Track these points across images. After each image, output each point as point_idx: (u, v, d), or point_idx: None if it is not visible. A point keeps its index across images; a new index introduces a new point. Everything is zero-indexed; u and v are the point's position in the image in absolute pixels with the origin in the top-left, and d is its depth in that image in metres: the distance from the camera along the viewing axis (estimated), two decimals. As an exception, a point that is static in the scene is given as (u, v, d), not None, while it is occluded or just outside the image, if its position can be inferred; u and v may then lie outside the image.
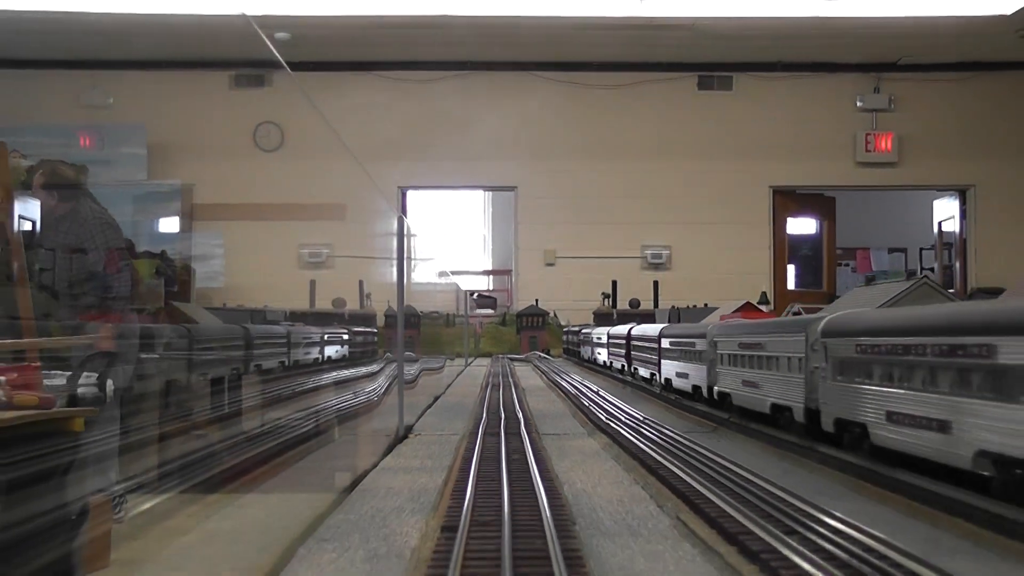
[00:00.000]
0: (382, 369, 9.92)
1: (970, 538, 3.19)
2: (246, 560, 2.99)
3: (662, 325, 9.21)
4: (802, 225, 24.62)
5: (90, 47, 21.50)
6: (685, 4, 19.11)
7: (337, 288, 20.36)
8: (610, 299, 21.41)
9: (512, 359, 16.70)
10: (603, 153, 22.69)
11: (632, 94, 22.77)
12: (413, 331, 13.50)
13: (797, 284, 25.18)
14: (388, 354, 11.05)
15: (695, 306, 15.85)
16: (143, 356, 5.47)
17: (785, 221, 23.50)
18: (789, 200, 23.49)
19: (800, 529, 3.24)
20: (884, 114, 22.94)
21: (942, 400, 3.48)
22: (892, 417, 3.89)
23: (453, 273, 23.89)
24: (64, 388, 4.64)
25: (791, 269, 25.19)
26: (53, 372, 4.65)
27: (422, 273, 21.27)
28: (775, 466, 4.79)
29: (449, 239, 26.84)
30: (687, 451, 5.08)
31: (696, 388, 7.03)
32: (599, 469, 4.89)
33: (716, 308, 14.17)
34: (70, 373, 4.73)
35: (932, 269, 24.70)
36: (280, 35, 19.86)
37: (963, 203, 23.19)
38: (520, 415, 6.86)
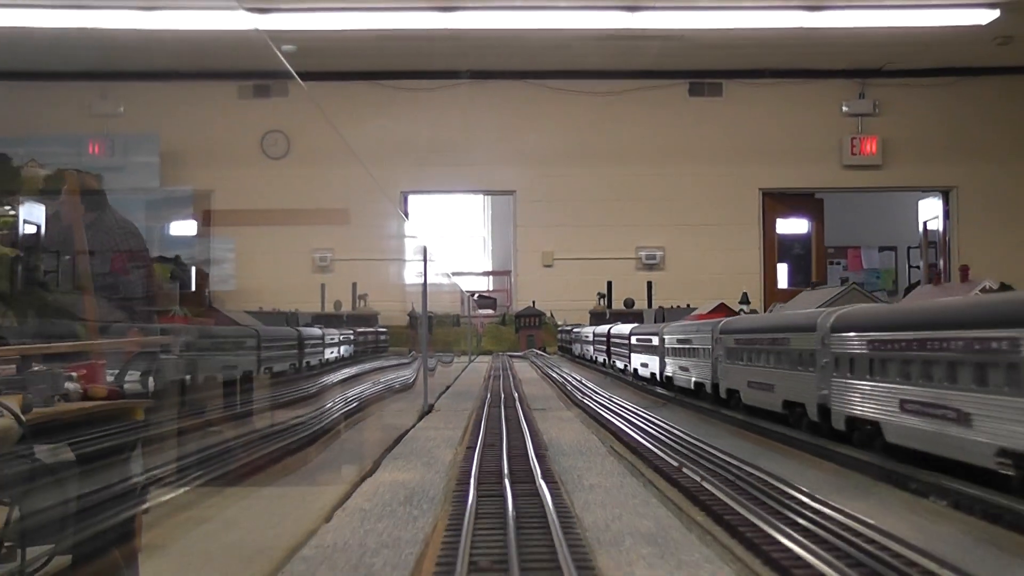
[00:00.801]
0: (410, 363, 12.51)
1: (777, 451, 5.86)
2: (359, 463, 5.65)
3: (633, 325, 11.87)
4: (793, 225, 27.20)
5: (105, 60, 23.99)
6: (674, 17, 21.47)
7: (340, 291, 22.80)
8: (605, 299, 23.98)
9: (511, 356, 19.38)
10: (598, 158, 25.21)
11: (626, 101, 25.30)
12: (416, 331, 16.06)
13: (789, 283, 27.78)
14: (412, 352, 13.62)
15: (678, 306, 18.47)
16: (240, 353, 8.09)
17: (774, 222, 26.10)
18: (778, 202, 26.08)
19: (682, 448, 5.89)
20: (869, 118, 25.50)
21: (769, 371, 6.17)
22: (750, 384, 6.57)
23: (455, 274, 26.44)
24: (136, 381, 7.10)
25: (785, 268, 27.84)
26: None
27: (433, 279, 23.76)
28: (690, 422, 7.43)
29: (451, 241, 29.43)
30: (635, 417, 7.72)
31: (653, 375, 9.70)
32: (569, 427, 7.56)
33: (696, 308, 16.86)
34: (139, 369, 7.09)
35: (918, 267, 27.31)
36: (286, 47, 22.40)
37: (946, 203, 25.76)
38: (516, 396, 9.53)
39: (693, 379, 8.09)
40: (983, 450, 3.66)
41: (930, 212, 26.37)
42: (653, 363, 9.61)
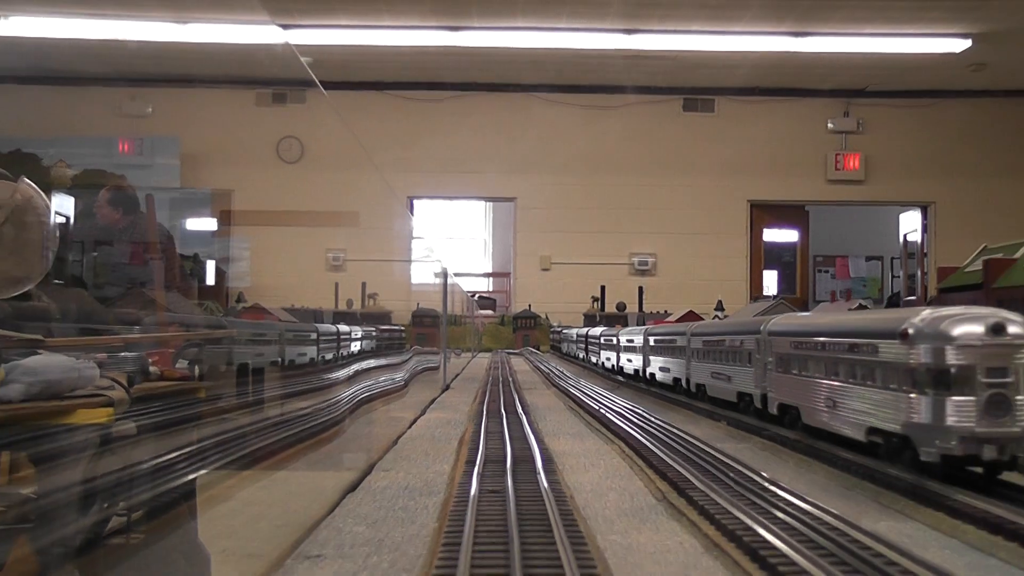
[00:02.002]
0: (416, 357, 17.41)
1: (665, 407, 10.85)
2: (413, 409, 10.59)
3: (604, 328, 16.81)
4: (783, 234, 32.03)
5: (131, 66, 28.74)
6: (669, 39, 26.06)
7: (352, 290, 27.57)
8: (599, 302, 28.83)
9: (509, 353, 24.36)
10: (595, 168, 29.99)
11: (622, 114, 30.09)
12: (434, 330, 20.85)
13: (779, 289, 32.68)
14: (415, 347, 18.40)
15: (658, 312, 23.35)
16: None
17: (762, 232, 30.97)
18: (765, 213, 30.94)
19: (611, 405, 10.82)
20: (853, 136, 30.34)
21: (668, 360, 11.17)
22: (660, 369, 11.57)
23: (456, 275, 31.26)
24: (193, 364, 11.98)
25: (775, 275, 32.73)
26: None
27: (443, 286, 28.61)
28: (627, 396, 12.35)
29: (453, 243, 34.35)
30: (593, 393, 12.66)
31: (614, 366, 14.68)
32: (545, 398, 12.53)
33: (672, 314, 21.63)
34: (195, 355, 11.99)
35: (899, 277, 32.18)
36: (303, 59, 27.14)
37: (925, 217, 30.64)
38: (511, 380, 14.48)
39: (634, 368, 13.05)
40: (732, 394, 8.56)
41: (910, 225, 31.23)
42: (614, 357, 14.57)
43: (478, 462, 6.58)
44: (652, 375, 12.09)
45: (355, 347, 12.83)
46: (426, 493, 5.82)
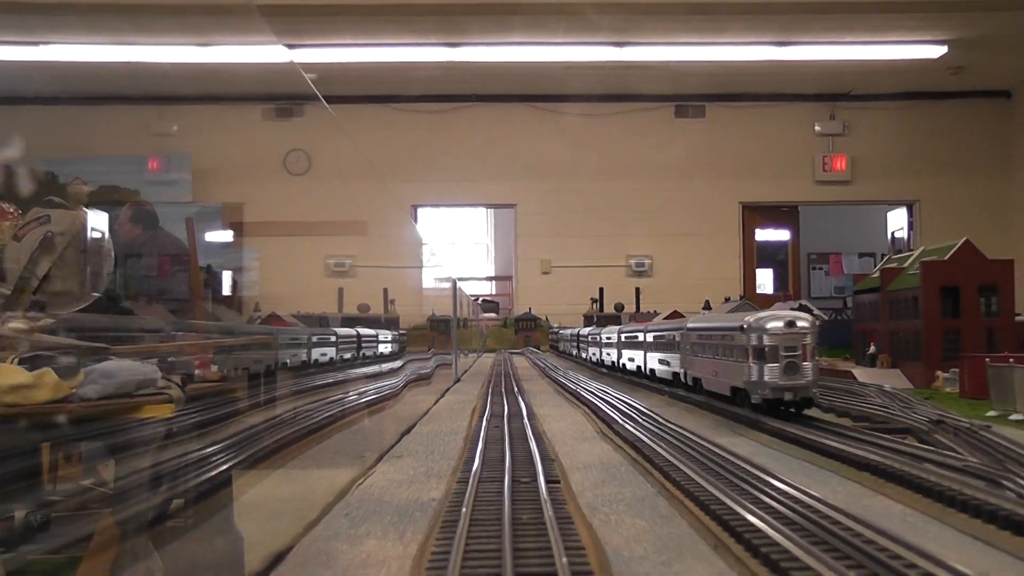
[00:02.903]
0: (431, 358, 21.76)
1: (627, 388, 15.30)
2: (435, 394, 15.00)
3: (592, 328, 21.19)
4: (773, 235, 36.30)
5: (144, 86, 33.04)
6: (658, 51, 30.18)
7: (361, 294, 31.88)
8: (597, 303, 33.16)
9: (511, 352, 28.77)
10: (592, 174, 34.23)
11: (617, 122, 34.36)
12: (446, 335, 25.16)
13: (775, 286, 37.03)
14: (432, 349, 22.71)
15: (649, 312, 27.72)
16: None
17: (754, 232, 35.26)
18: (757, 214, 35.23)
19: (588, 388, 15.23)
20: (839, 138, 34.60)
21: (635, 352, 15.63)
22: (629, 360, 16.00)
23: (461, 279, 35.55)
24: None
25: (770, 273, 37.05)
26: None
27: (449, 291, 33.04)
28: (605, 382, 16.72)
29: (456, 248, 38.71)
30: (578, 381, 17.04)
31: (597, 360, 19.09)
32: (539, 385, 16.98)
33: (659, 314, 25.89)
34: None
35: (889, 273, 36.46)
36: (308, 76, 31.38)
37: (910, 215, 34.90)
38: (512, 374, 18.87)
39: (611, 360, 17.46)
40: (670, 374, 12.91)
41: (897, 223, 35.50)
42: (598, 352, 18.97)
43: (485, 417, 10.97)
44: (623, 365, 16.46)
45: (383, 348, 17.19)
46: (454, 433, 10.21)
